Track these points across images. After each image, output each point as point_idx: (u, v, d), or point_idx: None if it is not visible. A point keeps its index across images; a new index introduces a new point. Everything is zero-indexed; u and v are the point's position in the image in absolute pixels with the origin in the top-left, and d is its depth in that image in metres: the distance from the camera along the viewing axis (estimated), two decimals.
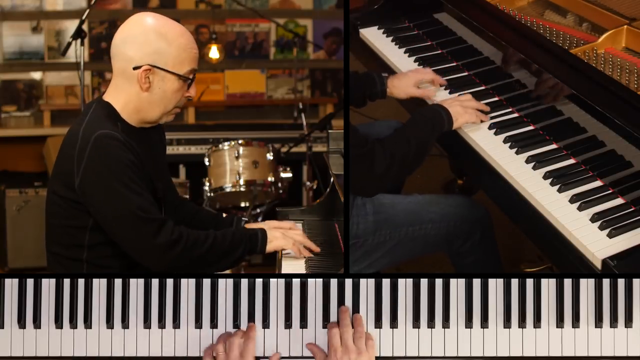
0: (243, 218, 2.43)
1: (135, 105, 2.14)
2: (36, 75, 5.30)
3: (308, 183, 4.40)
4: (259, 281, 2.10)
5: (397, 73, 2.64)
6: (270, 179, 4.02)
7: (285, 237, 2.21)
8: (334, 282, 2.08)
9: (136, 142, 2.11)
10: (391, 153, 2.21)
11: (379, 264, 2.37)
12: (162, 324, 2.08)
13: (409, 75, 2.59)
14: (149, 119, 2.17)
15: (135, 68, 2.09)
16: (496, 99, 2.51)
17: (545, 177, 2.12)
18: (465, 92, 2.52)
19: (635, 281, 2.05)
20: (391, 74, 2.65)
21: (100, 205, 2.04)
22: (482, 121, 2.37)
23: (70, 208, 2.09)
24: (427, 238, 2.38)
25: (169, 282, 2.10)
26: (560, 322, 2.05)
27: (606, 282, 2.06)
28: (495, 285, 2.08)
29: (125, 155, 2.04)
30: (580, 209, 2.00)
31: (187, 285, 2.09)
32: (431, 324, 2.06)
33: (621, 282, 2.06)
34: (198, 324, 2.08)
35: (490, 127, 2.35)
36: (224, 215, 2.47)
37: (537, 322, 2.05)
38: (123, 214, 2.02)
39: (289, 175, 4.11)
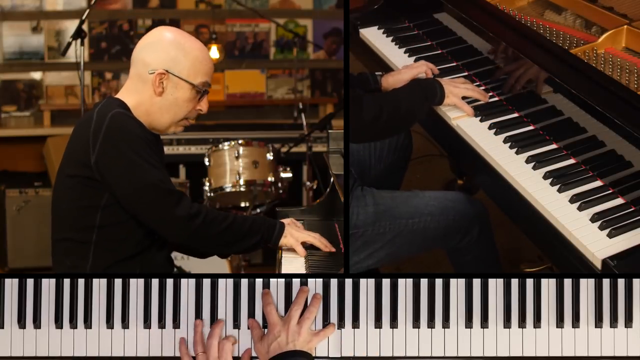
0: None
1: (146, 108, 2.20)
2: (36, 75, 5.31)
3: (308, 183, 4.40)
4: (259, 281, 2.10)
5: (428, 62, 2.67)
6: (270, 179, 4.02)
7: (300, 239, 2.27)
8: (334, 282, 2.09)
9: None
10: (381, 105, 2.30)
11: (377, 255, 2.38)
12: (162, 324, 2.08)
13: (402, 72, 2.60)
14: (157, 126, 2.23)
15: (151, 72, 2.17)
16: (496, 99, 2.51)
17: (545, 177, 2.12)
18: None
19: (635, 281, 2.05)
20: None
21: (120, 179, 2.09)
22: (476, 106, 2.43)
23: (83, 187, 2.13)
24: (426, 231, 2.38)
25: (169, 282, 2.10)
26: (560, 322, 2.05)
27: (606, 282, 2.06)
28: (495, 285, 2.08)
29: (142, 131, 2.14)
30: (580, 209, 2.00)
31: (187, 285, 2.09)
32: (431, 324, 2.06)
33: (621, 282, 2.06)
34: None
35: (490, 127, 2.35)
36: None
37: (537, 322, 2.05)
38: (144, 186, 2.09)
39: (289, 175, 4.11)
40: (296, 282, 2.09)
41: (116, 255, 2.16)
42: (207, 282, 2.10)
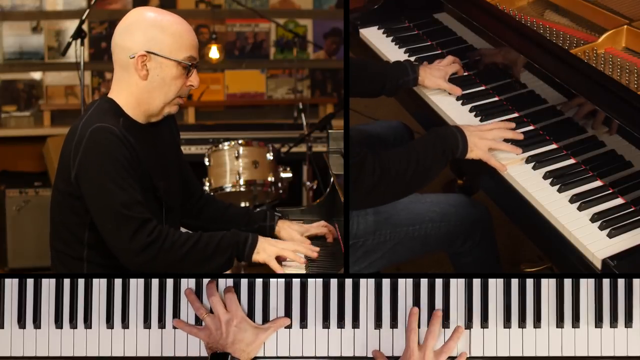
0: (277, 213, 2.40)
1: (136, 97, 2.14)
2: (36, 75, 5.30)
3: (308, 183, 4.40)
4: (259, 281, 2.10)
5: (428, 63, 2.64)
6: (270, 179, 4.01)
7: (274, 254, 2.13)
8: (334, 282, 2.08)
9: (138, 138, 2.10)
10: (383, 168, 2.10)
11: (379, 263, 2.37)
12: (162, 324, 2.08)
13: (440, 68, 2.58)
14: (151, 111, 2.16)
15: (131, 57, 2.09)
16: (496, 99, 2.51)
17: (545, 177, 2.12)
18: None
19: (635, 281, 2.05)
20: None
21: (89, 198, 2.05)
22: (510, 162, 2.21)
23: (70, 204, 2.10)
24: (427, 238, 2.37)
25: (169, 282, 2.10)
26: (560, 322, 2.05)
27: (606, 282, 2.06)
28: (495, 285, 2.08)
29: (119, 149, 2.03)
30: (580, 209, 2.00)
31: (187, 285, 2.09)
32: None
33: (621, 282, 2.06)
34: (198, 324, 2.08)
35: None
36: (257, 210, 2.45)
37: (537, 322, 2.05)
38: (105, 208, 2.02)
39: (289, 175, 4.11)
40: (296, 282, 2.09)
41: (110, 269, 2.14)
42: (207, 282, 2.09)
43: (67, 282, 2.10)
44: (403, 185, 2.16)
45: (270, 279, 2.09)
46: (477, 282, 2.07)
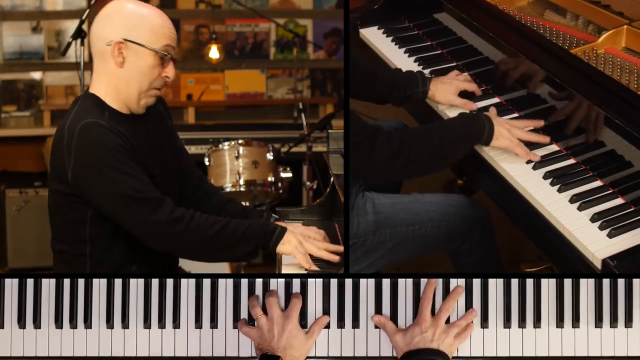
0: (273, 215, 2.40)
1: (114, 85, 2.14)
2: (36, 75, 5.30)
3: (308, 183, 4.40)
4: (259, 281, 2.10)
5: (441, 76, 2.58)
6: (270, 179, 4.01)
7: (300, 245, 2.11)
8: (334, 282, 2.08)
9: (126, 128, 2.11)
10: (401, 144, 2.12)
11: (379, 263, 2.37)
12: (162, 324, 2.08)
13: (453, 83, 2.52)
14: (129, 100, 2.16)
15: (108, 44, 2.10)
16: (496, 99, 2.51)
17: (545, 177, 2.12)
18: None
19: (635, 281, 2.05)
20: None
21: (95, 193, 2.05)
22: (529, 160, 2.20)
23: (68, 203, 2.11)
24: (427, 238, 2.37)
25: (169, 282, 2.10)
26: (560, 322, 2.05)
27: (606, 282, 2.06)
28: (495, 285, 2.08)
29: (112, 139, 2.04)
30: (580, 209, 2.00)
31: (187, 285, 2.09)
32: None
33: (621, 282, 2.06)
34: (198, 324, 2.08)
35: None
36: (255, 209, 2.43)
37: (537, 322, 2.05)
38: (116, 198, 2.03)
39: (289, 175, 4.11)
40: (296, 282, 2.09)
41: (113, 264, 2.15)
42: (207, 282, 2.09)
43: (67, 282, 2.10)
44: (423, 162, 2.18)
45: (270, 279, 2.09)
46: (477, 282, 2.07)
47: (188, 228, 2.04)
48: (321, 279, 2.09)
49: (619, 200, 2.02)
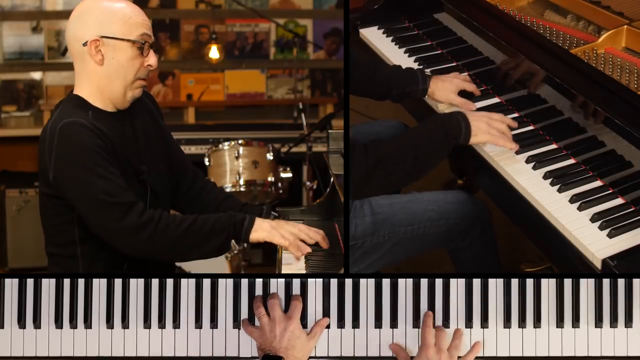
0: (273, 213, 2.38)
1: (97, 85, 2.13)
2: (36, 75, 5.30)
3: (308, 183, 4.40)
4: (259, 281, 2.10)
5: (441, 75, 2.58)
6: (270, 179, 4.01)
7: (274, 229, 2.09)
8: (334, 282, 2.08)
9: (111, 126, 2.10)
10: (376, 157, 2.09)
11: (378, 264, 2.37)
12: (162, 324, 2.08)
13: (453, 81, 2.51)
14: (115, 97, 2.14)
15: (84, 44, 2.09)
16: (496, 99, 2.51)
17: (545, 177, 2.12)
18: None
19: (635, 281, 2.05)
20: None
21: (71, 194, 2.04)
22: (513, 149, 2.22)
23: (54, 205, 2.10)
24: (426, 237, 2.37)
25: (169, 282, 2.10)
26: (560, 322, 2.05)
27: (606, 282, 2.06)
28: (495, 285, 2.08)
29: (91, 140, 2.02)
30: (580, 209, 2.00)
31: (187, 285, 2.09)
32: None
33: (621, 282, 2.06)
34: (198, 324, 2.08)
35: None
36: (255, 205, 2.42)
37: (537, 322, 2.05)
38: (88, 200, 2.01)
39: (289, 175, 4.11)
40: (296, 282, 2.09)
41: (105, 263, 2.14)
42: (207, 282, 2.09)
43: (67, 282, 2.10)
44: (404, 172, 2.15)
45: (270, 279, 2.09)
46: (477, 282, 2.07)
47: (156, 230, 2.02)
48: (321, 279, 2.09)
49: (619, 200, 2.02)
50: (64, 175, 2.03)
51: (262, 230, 2.08)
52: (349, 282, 2.08)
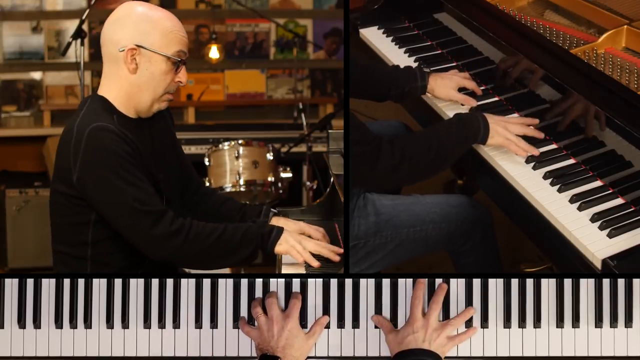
0: (272, 210, 2.37)
1: (126, 91, 2.13)
2: (36, 75, 5.30)
3: (308, 183, 4.40)
4: (259, 281, 2.10)
5: (439, 72, 2.58)
6: (270, 179, 4.01)
7: (296, 246, 2.11)
8: (334, 282, 2.08)
9: (133, 133, 2.10)
10: (402, 153, 2.12)
11: (380, 265, 2.37)
12: (162, 324, 2.08)
13: (453, 78, 2.51)
14: (140, 107, 2.15)
15: (121, 50, 2.09)
16: (496, 99, 2.51)
17: (545, 177, 2.12)
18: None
19: (635, 281, 2.05)
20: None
21: (98, 199, 2.05)
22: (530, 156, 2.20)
23: (72, 205, 2.10)
24: (428, 239, 2.37)
25: (169, 282, 2.10)
26: (560, 322, 2.05)
27: (606, 282, 2.06)
28: (495, 285, 2.08)
29: (121, 146, 2.03)
30: (580, 209, 2.00)
31: (187, 285, 2.09)
32: None
33: (621, 282, 2.06)
34: (198, 324, 2.08)
35: None
36: (253, 205, 2.42)
37: (537, 322, 2.05)
38: (119, 207, 2.02)
39: (289, 175, 4.11)
40: (296, 282, 2.09)
41: (113, 267, 2.14)
42: (207, 282, 2.09)
43: (67, 282, 2.10)
44: (424, 168, 2.19)
45: (270, 279, 2.09)
46: (477, 282, 2.07)
47: (187, 238, 2.03)
48: (321, 279, 2.09)
49: (619, 200, 2.02)
50: (91, 180, 2.03)
51: (287, 243, 2.11)
52: (349, 282, 2.08)
